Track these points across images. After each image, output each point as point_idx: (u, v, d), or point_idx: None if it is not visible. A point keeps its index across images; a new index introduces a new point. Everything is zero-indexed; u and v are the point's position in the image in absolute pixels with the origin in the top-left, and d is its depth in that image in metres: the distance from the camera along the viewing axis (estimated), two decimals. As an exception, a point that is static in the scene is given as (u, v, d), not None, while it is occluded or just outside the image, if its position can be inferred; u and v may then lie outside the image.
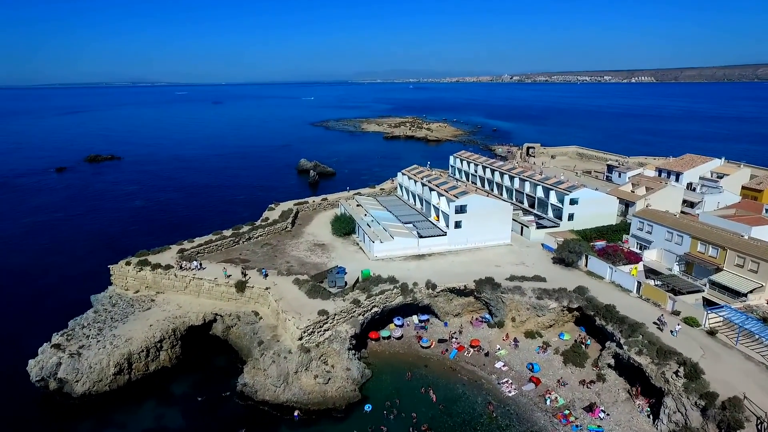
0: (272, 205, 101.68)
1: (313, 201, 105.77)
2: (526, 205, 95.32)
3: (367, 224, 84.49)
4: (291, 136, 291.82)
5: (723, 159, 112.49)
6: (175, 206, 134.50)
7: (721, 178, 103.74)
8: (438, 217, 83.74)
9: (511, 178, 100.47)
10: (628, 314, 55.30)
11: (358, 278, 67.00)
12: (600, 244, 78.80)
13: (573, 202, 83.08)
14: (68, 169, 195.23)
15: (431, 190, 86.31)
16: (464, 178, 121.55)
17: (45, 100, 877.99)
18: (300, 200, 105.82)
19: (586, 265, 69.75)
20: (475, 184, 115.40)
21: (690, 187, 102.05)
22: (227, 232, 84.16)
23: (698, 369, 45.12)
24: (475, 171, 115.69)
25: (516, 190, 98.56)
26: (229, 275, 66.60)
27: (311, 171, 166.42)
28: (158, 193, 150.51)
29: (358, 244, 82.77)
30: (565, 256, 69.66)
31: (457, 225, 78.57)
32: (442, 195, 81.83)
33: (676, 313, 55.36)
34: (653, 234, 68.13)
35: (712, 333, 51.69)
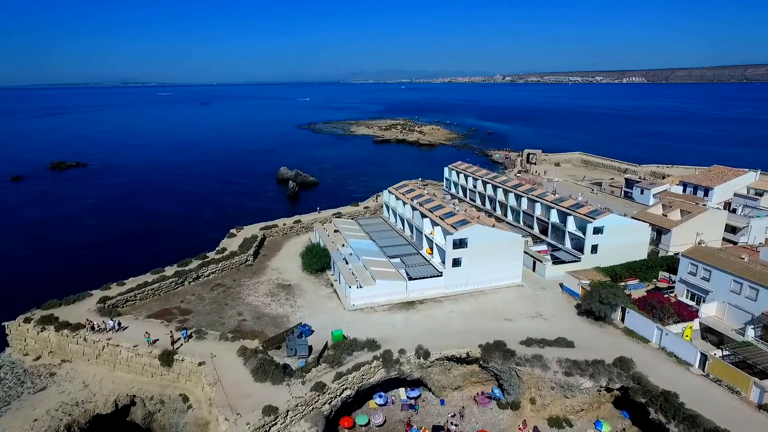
0: (234, 231, 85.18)
1: (284, 224, 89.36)
2: (536, 230, 79.63)
3: (345, 259, 68.46)
4: (276, 140, 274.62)
5: (758, 172, 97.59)
6: (129, 225, 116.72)
7: (761, 195, 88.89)
8: (431, 250, 67.81)
9: (518, 197, 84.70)
10: (695, 405, 39.80)
11: (326, 344, 50.85)
12: (633, 284, 63.41)
13: (597, 231, 67.50)
14: (26, 177, 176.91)
15: (423, 215, 70.32)
16: (461, 194, 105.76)
17: (28, 101, 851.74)
18: (268, 223, 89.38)
19: (622, 320, 54.18)
20: (474, 201, 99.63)
21: (728, 207, 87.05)
22: (170, 270, 67.63)
23: None
24: (474, 186, 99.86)
25: (524, 212, 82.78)
26: (155, 341, 50.03)
27: (290, 182, 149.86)
28: (115, 208, 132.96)
29: (332, 285, 66.63)
30: (596, 308, 54.04)
31: (456, 263, 62.74)
32: (437, 224, 65.85)
33: (765, 407, 39.76)
34: (712, 282, 52.62)
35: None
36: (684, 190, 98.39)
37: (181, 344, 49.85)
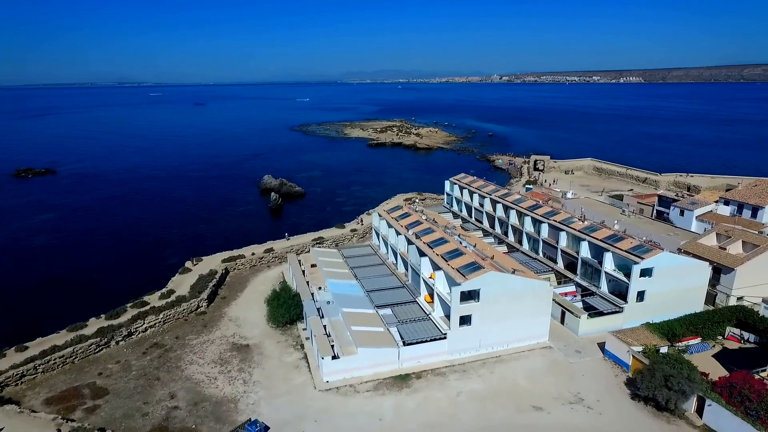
0: (189, 264, 69.70)
1: (252, 254, 73.80)
2: (560, 264, 64.42)
3: (320, 309, 53.21)
4: (264, 144, 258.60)
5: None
6: (76, 252, 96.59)
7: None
8: (431, 298, 52.56)
9: (536, 222, 69.37)
10: None
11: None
12: (695, 345, 48.40)
13: (645, 273, 52.38)
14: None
15: (422, 253, 54.97)
16: (464, 212, 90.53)
17: (18, 102, 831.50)
18: (233, 253, 73.91)
19: (697, 412, 39.09)
20: (480, 222, 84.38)
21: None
22: (94, 325, 52.18)
23: None
24: (481, 204, 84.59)
25: (544, 241, 67.51)
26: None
27: (273, 193, 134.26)
28: (69, 227, 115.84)
29: (303, 345, 51.32)
30: (661, 396, 38.91)
31: (465, 320, 47.54)
32: (440, 267, 50.53)
33: None
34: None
35: None
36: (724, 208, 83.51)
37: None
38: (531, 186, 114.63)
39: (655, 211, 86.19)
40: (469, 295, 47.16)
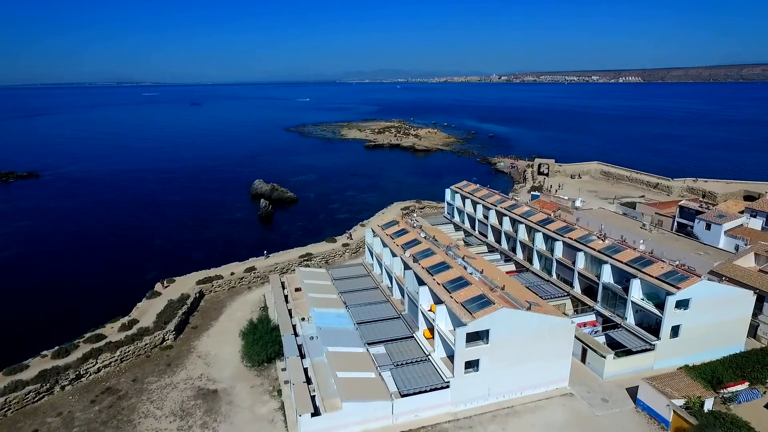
0: (159, 286, 62.00)
1: (231, 274, 66.01)
2: (576, 288, 56.85)
3: (302, 346, 45.70)
4: (257, 146, 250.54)
5: None
6: (48, 266, 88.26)
7: None
8: (431, 333, 45.01)
9: (549, 238, 61.73)
10: None
11: None
12: (743, 392, 40.92)
13: (681, 305, 44.88)
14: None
15: (420, 281, 47.37)
16: (467, 224, 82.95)
17: (12, 101, 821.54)
18: (210, 273, 66.15)
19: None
20: (485, 236, 76.77)
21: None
22: (35, 367, 44.53)
23: None
24: (485, 216, 76.96)
25: (558, 261, 59.92)
26: None
27: (262, 200, 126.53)
28: (44, 239, 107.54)
29: (280, 391, 43.68)
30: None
31: (471, 365, 39.99)
32: (442, 300, 42.93)
33: None
34: None
35: None
36: (751, 218, 76.02)
37: None
38: (537, 193, 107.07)
39: (676, 224, 78.63)
40: (477, 336, 39.62)
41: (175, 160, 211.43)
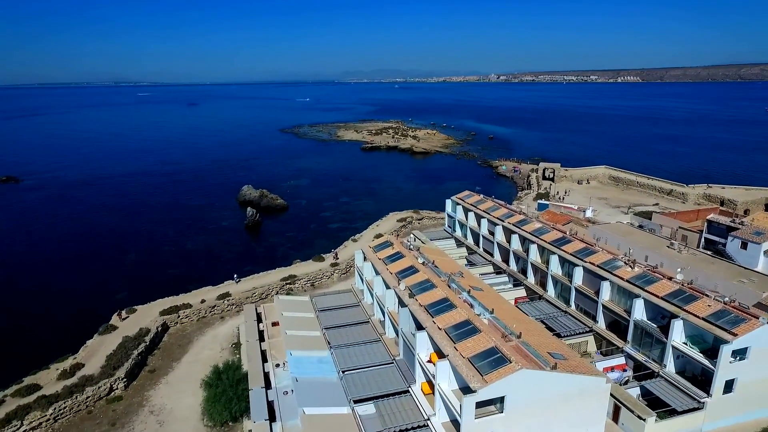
0: (115, 319, 53.52)
1: (202, 302, 57.54)
2: (601, 323, 48.58)
3: (273, 403, 37.36)
4: (250, 148, 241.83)
5: None
6: (8, 291, 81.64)
7: None
8: (431, 389, 36.73)
9: (567, 263, 53.36)
10: None
11: None
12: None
13: (737, 354, 36.74)
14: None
15: (419, 325, 39.05)
16: (470, 239, 74.67)
17: (7, 102, 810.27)
18: (177, 301, 57.67)
19: None
20: (491, 254, 68.45)
21: None
22: (-55, 433, 36.13)
23: None
24: (491, 233, 68.62)
25: (578, 290, 51.63)
26: None
27: (249, 208, 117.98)
28: (5, 255, 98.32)
29: (245, 464, 35.38)
30: None
31: (481, 439, 31.73)
32: (444, 354, 34.60)
33: None
34: None
35: None
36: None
37: None
38: (545, 202, 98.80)
39: (702, 239, 70.39)
40: (489, 401, 31.34)
41: (164, 162, 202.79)
